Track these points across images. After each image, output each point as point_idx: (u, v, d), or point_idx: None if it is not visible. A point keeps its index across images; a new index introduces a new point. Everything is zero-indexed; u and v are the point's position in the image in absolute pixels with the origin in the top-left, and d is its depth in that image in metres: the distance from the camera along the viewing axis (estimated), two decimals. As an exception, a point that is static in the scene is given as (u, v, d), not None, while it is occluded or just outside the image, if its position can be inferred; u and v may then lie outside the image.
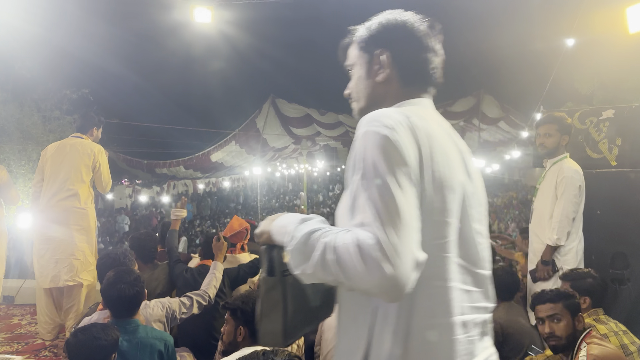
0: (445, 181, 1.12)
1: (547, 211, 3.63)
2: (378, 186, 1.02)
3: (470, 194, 1.22)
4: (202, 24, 6.39)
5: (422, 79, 1.35)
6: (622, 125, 4.15)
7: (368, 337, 1.10)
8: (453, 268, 1.13)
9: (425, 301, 1.09)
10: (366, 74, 1.36)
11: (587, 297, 2.91)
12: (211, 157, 21.20)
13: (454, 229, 1.14)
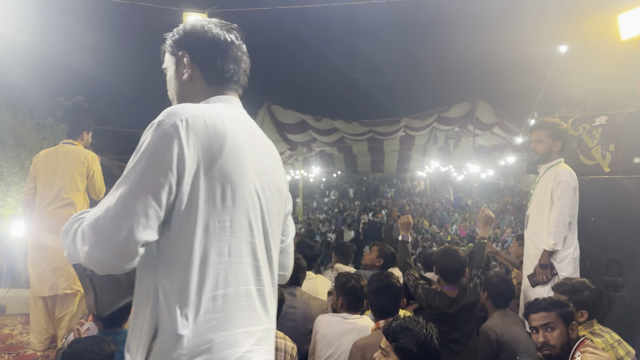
0: (232, 172, 1.29)
1: (543, 217, 3.62)
2: (125, 175, 1.23)
3: (265, 184, 1.40)
4: (196, 31, 6.36)
5: (223, 79, 1.52)
6: (614, 131, 4.15)
7: (154, 312, 1.23)
8: (240, 245, 1.30)
9: (210, 274, 1.23)
10: (174, 75, 1.55)
11: (584, 311, 2.88)
12: (207, 163, 21.13)
13: (241, 214, 1.31)
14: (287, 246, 1.67)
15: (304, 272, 3.67)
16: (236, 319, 1.28)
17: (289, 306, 3.37)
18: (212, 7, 6.20)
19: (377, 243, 4.74)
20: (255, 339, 1.32)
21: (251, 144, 1.40)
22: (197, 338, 1.21)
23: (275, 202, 1.45)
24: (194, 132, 1.24)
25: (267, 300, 1.39)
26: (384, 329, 2.23)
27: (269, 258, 1.42)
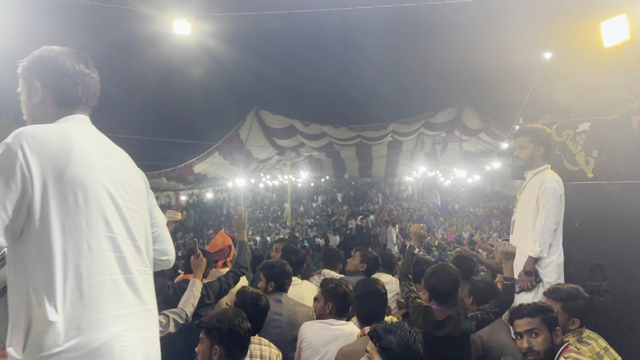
0: (81, 178, 1.51)
1: (528, 223, 3.64)
2: None
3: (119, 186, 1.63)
4: (182, 36, 6.36)
5: (72, 101, 1.71)
6: (598, 137, 4.20)
7: (28, 308, 1.42)
8: (100, 240, 1.52)
9: (71, 269, 1.44)
10: (27, 99, 1.72)
11: (577, 319, 2.85)
12: (194, 168, 21.05)
13: (95, 213, 1.52)
14: (160, 234, 1.89)
15: (290, 278, 3.65)
16: (105, 304, 1.48)
17: (275, 313, 3.34)
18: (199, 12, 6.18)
19: (359, 248, 4.73)
20: (130, 320, 1.53)
21: (100, 153, 1.63)
22: (68, 324, 1.41)
23: (132, 200, 1.68)
24: (39, 149, 1.46)
25: (139, 286, 1.60)
26: (370, 331, 2.24)
27: (137, 248, 1.63)
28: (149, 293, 1.66)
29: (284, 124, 21.09)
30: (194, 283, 3.48)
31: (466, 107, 18.86)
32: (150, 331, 1.63)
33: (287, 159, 26.49)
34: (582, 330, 2.88)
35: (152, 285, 1.68)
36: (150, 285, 1.67)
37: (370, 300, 2.96)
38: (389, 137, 22.65)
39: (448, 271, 3.18)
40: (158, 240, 1.87)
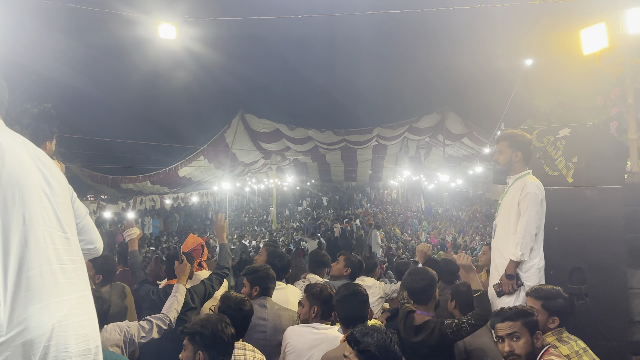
0: (18, 177, 1.62)
1: (510, 227, 3.69)
2: None
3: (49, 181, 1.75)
4: (167, 40, 6.33)
5: None
6: (577, 143, 4.27)
7: None
8: (37, 235, 1.62)
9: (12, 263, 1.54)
10: None
11: (556, 318, 2.92)
12: (179, 172, 20.92)
13: (33, 209, 1.64)
14: (84, 225, 2.01)
15: (274, 282, 3.64)
16: (45, 293, 1.59)
17: (259, 317, 3.34)
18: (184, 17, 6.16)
19: (343, 253, 4.72)
20: (70, 305, 1.64)
21: (26, 152, 1.74)
22: (10, 314, 1.51)
23: (60, 194, 1.79)
24: None
25: (71, 275, 1.71)
26: (347, 335, 2.26)
27: (67, 240, 1.74)
28: (82, 281, 1.77)
29: (270, 127, 21.08)
30: (178, 288, 3.47)
31: (449, 112, 19.09)
32: (88, 315, 1.74)
33: (272, 162, 26.47)
34: (561, 331, 2.94)
35: (84, 273, 1.79)
36: (82, 273, 1.78)
37: (351, 303, 2.96)
38: (374, 142, 22.77)
39: (425, 271, 3.28)
40: (83, 230, 1.99)
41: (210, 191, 34.40)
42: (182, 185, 25.65)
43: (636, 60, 5.24)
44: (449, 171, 25.13)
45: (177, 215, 28.29)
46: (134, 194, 24.56)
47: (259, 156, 25.11)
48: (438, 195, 34.19)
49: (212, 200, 36.05)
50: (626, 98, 5.18)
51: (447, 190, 31.72)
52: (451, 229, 23.27)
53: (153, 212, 27.25)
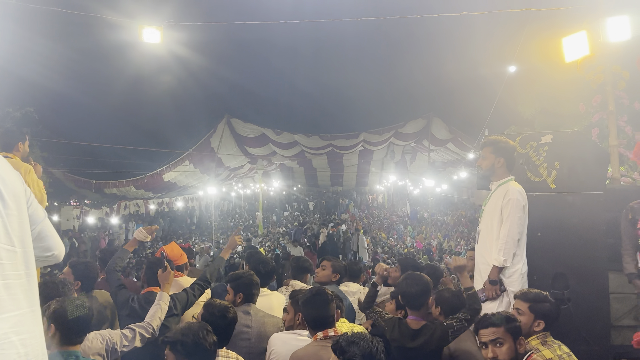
0: None
1: (493, 233, 3.72)
2: None
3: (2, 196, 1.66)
4: (151, 44, 6.29)
5: None
6: (560, 149, 4.33)
7: None
8: None
9: None
10: None
11: (542, 321, 2.95)
12: (163, 176, 20.76)
13: None
14: (41, 231, 1.90)
15: (258, 289, 3.61)
16: None
17: (243, 325, 3.31)
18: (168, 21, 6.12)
19: (327, 258, 4.70)
20: (11, 323, 1.58)
21: None
22: None
23: (11, 205, 1.71)
24: None
25: (16, 290, 1.64)
26: (332, 345, 2.25)
27: (14, 253, 1.67)
28: (28, 296, 1.71)
29: (256, 132, 21.05)
30: (162, 296, 3.42)
31: (435, 118, 19.25)
32: (31, 332, 1.67)
33: (259, 167, 26.39)
34: (546, 335, 2.97)
35: (31, 287, 1.73)
36: (29, 288, 1.72)
37: (315, 303, 2.93)
38: (360, 147, 22.85)
39: (420, 277, 3.28)
40: (39, 237, 1.88)
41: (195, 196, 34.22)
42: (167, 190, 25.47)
43: (617, 67, 5.34)
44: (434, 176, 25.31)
45: (162, 220, 28.04)
46: (118, 199, 24.33)
47: (245, 161, 25.04)
48: (424, 200, 34.39)
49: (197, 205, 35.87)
50: (607, 105, 5.27)
51: (433, 195, 31.92)
52: (437, 233, 23.40)
53: (137, 217, 27.00)
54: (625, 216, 3.92)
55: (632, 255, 3.93)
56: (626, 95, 5.31)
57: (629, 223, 3.90)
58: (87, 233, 21.57)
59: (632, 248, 3.94)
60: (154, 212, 29.48)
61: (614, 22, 5.20)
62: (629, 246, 3.95)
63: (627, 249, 3.95)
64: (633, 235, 3.94)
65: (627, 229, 3.93)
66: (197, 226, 30.07)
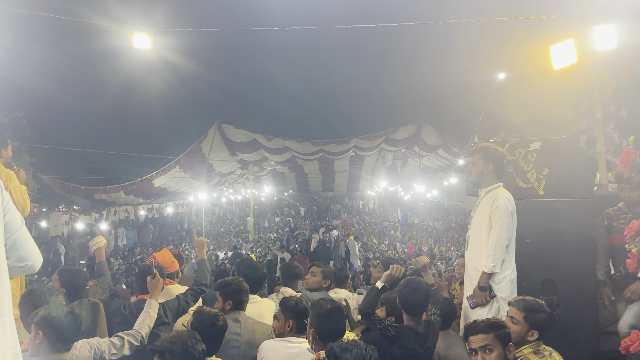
0: None
1: (482, 239, 3.73)
2: None
3: None
4: (142, 50, 6.27)
5: None
6: (548, 156, 4.37)
7: None
8: None
9: None
10: None
11: (536, 331, 2.93)
12: (153, 182, 20.65)
13: None
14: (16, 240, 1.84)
15: (247, 296, 3.59)
16: None
17: (232, 333, 3.29)
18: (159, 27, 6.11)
19: (316, 264, 4.67)
20: None
21: None
22: None
23: None
24: None
25: None
26: (327, 351, 2.24)
27: None
28: None
29: (247, 137, 21.03)
30: (150, 304, 3.40)
31: (425, 124, 19.35)
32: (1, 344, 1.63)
33: (250, 173, 26.35)
34: (539, 344, 2.96)
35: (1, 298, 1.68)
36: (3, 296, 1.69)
37: (335, 317, 2.89)
38: (351, 152, 22.90)
39: (420, 283, 3.29)
40: (14, 246, 1.82)
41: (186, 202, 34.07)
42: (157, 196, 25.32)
43: (604, 75, 5.40)
44: (425, 182, 25.42)
45: (152, 226, 27.86)
46: (107, 205, 24.15)
47: (236, 166, 24.99)
48: (414, 206, 34.48)
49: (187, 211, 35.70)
50: (594, 112, 5.33)
51: (423, 201, 32.03)
52: (428, 238, 23.46)
53: (127, 223, 26.81)
54: (601, 222, 3.98)
55: (604, 262, 4.01)
56: (613, 102, 5.38)
57: (604, 229, 3.97)
58: (75, 239, 21.35)
59: (605, 254, 4.01)
60: (144, 218, 29.29)
61: (600, 31, 5.27)
62: (602, 252, 4.02)
63: (600, 256, 4.01)
64: (607, 242, 4.00)
65: (601, 235, 4.01)
66: (188, 232, 29.90)
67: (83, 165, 20.55)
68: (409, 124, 19.88)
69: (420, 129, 19.53)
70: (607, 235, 3.97)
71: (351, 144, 21.29)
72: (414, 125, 19.73)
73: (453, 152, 19.45)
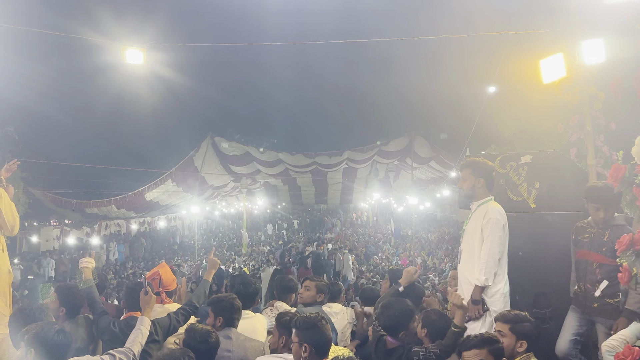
0: None
1: (474, 252, 3.74)
2: None
3: None
4: (134, 65, 6.29)
5: None
6: (539, 169, 4.40)
7: None
8: None
9: None
10: None
11: (524, 341, 2.97)
12: (145, 196, 20.54)
13: None
14: None
15: (239, 313, 3.57)
16: None
17: (224, 349, 3.27)
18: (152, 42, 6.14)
19: (309, 278, 4.65)
20: None
21: None
22: None
23: None
24: None
25: None
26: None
27: None
28: None
29: (240, 150, 21.03)
30: (142, 321, 3.36)
31: (417, 136, 19.47)
32: None
33: (242, 186, 26.29)
34: (530, 356, 2.98)
35: None
36: None
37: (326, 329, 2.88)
38: (344, 165, 22.95)
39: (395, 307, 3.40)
40: None
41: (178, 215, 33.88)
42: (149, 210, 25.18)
43: (593, 89, 5.46)
44: (418, 194, 25.48)
45: (144, 240, 27.65)
46: (99, 219, 23.97)
47: (228, 179, 24.94)
48: (407, 218, 34.51)
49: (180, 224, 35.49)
50: (584, 125, 5.38)
51: (416, 213, 32.08)
52: (421, 251, 23.45)
53: (119, 237, 26.61)
54: (571, 236, 3.91)
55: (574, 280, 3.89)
56: (602, 115, 5.43)
57: (572, 243, 3.90)
58: (66, 254, 21.14)
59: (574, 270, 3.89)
60: (136, 232, 29.08)
61: (589, 45, 5.34)
62: (572, 268, 3.92)
63: (572, 270, 3.91)
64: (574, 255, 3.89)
65: (571, 249, 3.93)
66: (180, 246, 29.70)
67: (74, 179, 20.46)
68: (402, 137, 19.99)
69: (413, 141, 19.63)
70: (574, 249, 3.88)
71: (344, 156, 21.35)
72: (406, 137, 19.84)
73: (445, 164, 19.55)
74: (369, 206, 38.41)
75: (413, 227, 30.44)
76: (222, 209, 38.12)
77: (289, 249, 23.83)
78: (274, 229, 36.96)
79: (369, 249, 24.57)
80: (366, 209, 39.56)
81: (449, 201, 25.80)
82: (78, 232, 23.81)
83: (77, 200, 19.63)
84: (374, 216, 38.68)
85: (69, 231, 23.48)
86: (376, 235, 31.22)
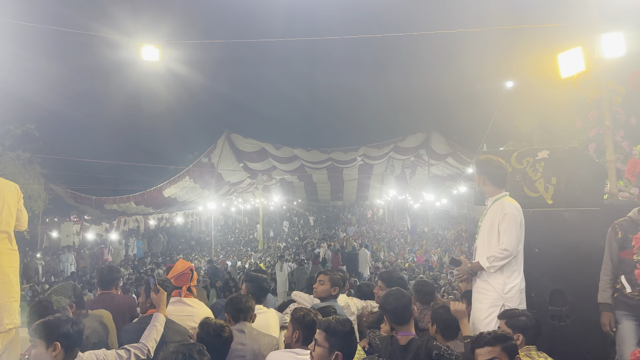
0: None
1: (490, 249, 3.70)
2: None
3: None
4: (150, 62, 6.35)
5: None
6: (556, 165, 4.32)
7: None
8: None
9: None
10: None
11: (520, 334, 3.04)
12: (163, 192, 20.79)
13: None
14: None
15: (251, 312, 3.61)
16: None
17: (238, 342, 3.29)
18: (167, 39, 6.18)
19: (323, 271, 4.65)
20: None
21: None
22: None
23: None
24: None
25: None
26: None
27: None
28: None
29: (256, 147, 21.14)
30: (157, 317, 3.40)
31: (433, 132, 19.32)
32: None
33: (259, 182, 26.43)
34: (530, 348, 3.03)
35: None
36: None
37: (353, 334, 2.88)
38: (360, 161, 22.91)
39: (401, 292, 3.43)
40: None
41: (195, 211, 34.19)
42: (167, 206, 25.47)
43: (612, 83, 5.37)
44: (434, 190, 25.32)
45: (162, 235, 27.97)
46: (118, 215, 24.33)
47: (245, 176, 25.09)
48: (424, 214, 34.31)
49: (197, 220, 35.81)
50: (603, 120, 5.29)
51: (433, 210, 31.88)
52: (437, 248, 23.31)
53: (137, 233, 26.96)
54: (614, 235, 3.71)
55: (610, 283, 3.69)
56: (622, 110, 5.33)
57: (616, 243, 3.68)
58: (86, 249, 21.49)
59: (613, 272, 3.69)
60: (154, 228, 29.44)
61: (608, 39, 5.24)
62: (609, 270, 3.70)
63: (608, 274, 3.70)
64: (617, 256, 3.69)
65: (613, 250, 3.71)
66: (197, 242, 29.98)
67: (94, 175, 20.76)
68: (418, 132, 19.87)
69: (429, 137, 19.51)
70: (621, 248, 3.65)
71: (360, 152, 21.31)
72: (422, 133, 19.71)
73: (462, 160, 19.38)
74: (384, 203, 38.29)
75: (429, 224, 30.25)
76: (238, 205, 38.37)
77: (304, 245, 23.89)
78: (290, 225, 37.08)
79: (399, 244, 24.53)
80: (382, 205, 39.45)
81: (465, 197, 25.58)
82: (97, 228, 24.17)
83: (97, 197, 19.95)
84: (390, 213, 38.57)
85: (89, 227, 23.87)
86: (392, 232, 31.11)
